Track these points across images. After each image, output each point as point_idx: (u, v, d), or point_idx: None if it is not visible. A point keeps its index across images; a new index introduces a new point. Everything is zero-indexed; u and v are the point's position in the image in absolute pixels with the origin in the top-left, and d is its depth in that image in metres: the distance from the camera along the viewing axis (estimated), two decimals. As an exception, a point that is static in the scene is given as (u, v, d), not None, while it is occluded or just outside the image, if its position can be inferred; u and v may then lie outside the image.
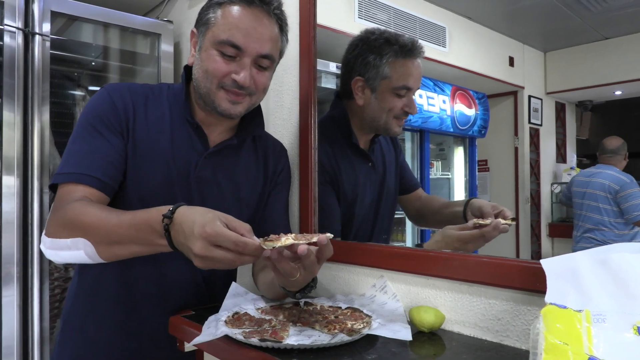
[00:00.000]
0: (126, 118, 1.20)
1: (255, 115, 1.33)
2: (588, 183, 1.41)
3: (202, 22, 1.19)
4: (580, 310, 0.70)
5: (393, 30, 1.54)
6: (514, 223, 1.33)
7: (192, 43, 1.24)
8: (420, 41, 1.57)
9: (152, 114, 1.24)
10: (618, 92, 1.40)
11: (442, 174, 1.95)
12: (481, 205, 1.38)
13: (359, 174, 1.59)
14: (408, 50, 1.46)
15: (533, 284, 0.93)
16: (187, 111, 1.25)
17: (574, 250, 1.38)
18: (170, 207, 0.95)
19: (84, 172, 1.12)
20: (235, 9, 1.15)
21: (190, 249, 0.89)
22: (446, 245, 1.28)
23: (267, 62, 1.19)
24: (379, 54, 1.46)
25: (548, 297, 0.75)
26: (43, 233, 1.12)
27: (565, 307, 0.71)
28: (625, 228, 1.31)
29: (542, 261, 0.80)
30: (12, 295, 1.77)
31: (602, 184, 1.36)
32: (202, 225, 0.87)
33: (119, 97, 1.20)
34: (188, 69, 1.29)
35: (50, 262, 1.87)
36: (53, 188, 1.17)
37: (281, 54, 1.26)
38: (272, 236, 0.93)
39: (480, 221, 1.25)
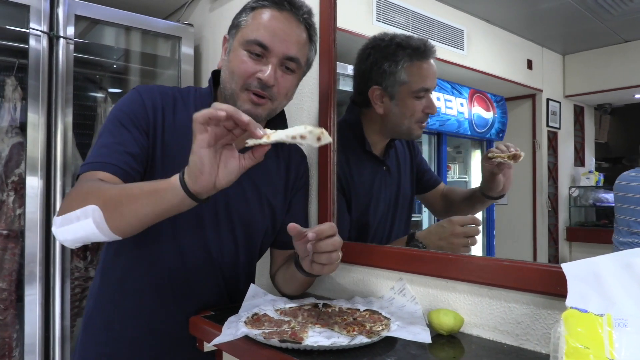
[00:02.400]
0: (154, 118, 1.21)
1: (278, 122, 1.34)
2: (631, 187, 1.37)
3: (233, 25, 1.24)
4: (601, 315, 0.70)
5: (401, 33, 1.52)
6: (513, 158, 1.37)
7: (223, 48, 1.27)
8: (436, 43, 1.57)
9: (180, 116, 1.25)
10: (638, 96, 1.38)
11: (459, 177, 1.94)
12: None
13: (374, 179, 1.59)
14: (421, 52, 1.46)
15: (553, 287, 0.93)
16: None
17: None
18: None
19: (104, 160, 1.12)
20: (266, 11, 1.19)
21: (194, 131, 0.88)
22: (444, 230, 1.33)
23: (293, 65, 1.21)
24: (394, 60, 1.45)
25: (569, 301, 0.75)
26: (55, 215, 1.09)
27: (586, 311, 0.71)
28: None
29: (563, 265, 0.80)
30: (34, 294, 1.81)
31: None
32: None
33: (149, 97, 1.22)
34: (215, 73, 1.31)
35: (71, 261, 1.90)
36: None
37: (309, 62, 1.28)
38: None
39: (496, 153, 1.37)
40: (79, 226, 1.00)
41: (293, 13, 1.20)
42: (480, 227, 1.35)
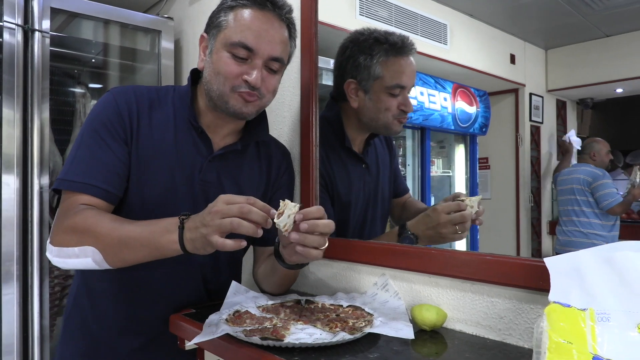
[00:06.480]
0: (130, 124, 1.20)
1: (260, 120, 1.33)
2: (567, 180, 1.51)
3: (213, 25, 1.21)
4: (584, 309, 0.70)
5: (383, 29, 1.50)
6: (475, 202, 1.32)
7: (201, 48, 1.24)
8: (419, 37, 1.56)
9: (157, 117, 1.24)
10: (619, 90, 1.39)
11: (443, 172, 1.94)
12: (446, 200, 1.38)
13: (353, 176, 1.57)
14: (399, 48, 1.44)
15: (536, 282, 0.93)
16: (192, 115, 1.25)
17: (557, 243, 1.49)
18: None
19: (88, 182, 1.13)
20: (247, 12, 1.16)
21: (208, 213, 0.96)
22: (430, 220, 1.31)
23: (276, 65, 1.20)
24: (369, 54, 1.44)
25: (552, 296, 0.75)
26: (48, 241, 1.13)
27: (569, 306, 0.71)
28: (607, 218, 1.41)
29: (545, 260, 0.80)
30: (12, 293, 1.77)
31: (578, 178, 1.47)
32: (217, 199, 0.98)
33: (124, 102, 1.20)
34: (194, 72, 1.29)
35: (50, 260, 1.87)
36: (57, 191, 1.18)
37: (289, 58, 1.27)
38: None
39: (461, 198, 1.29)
40: (78, 262, 1.09)
41: (275, 13, 1.19)
42: (469, 211, 1.28)
